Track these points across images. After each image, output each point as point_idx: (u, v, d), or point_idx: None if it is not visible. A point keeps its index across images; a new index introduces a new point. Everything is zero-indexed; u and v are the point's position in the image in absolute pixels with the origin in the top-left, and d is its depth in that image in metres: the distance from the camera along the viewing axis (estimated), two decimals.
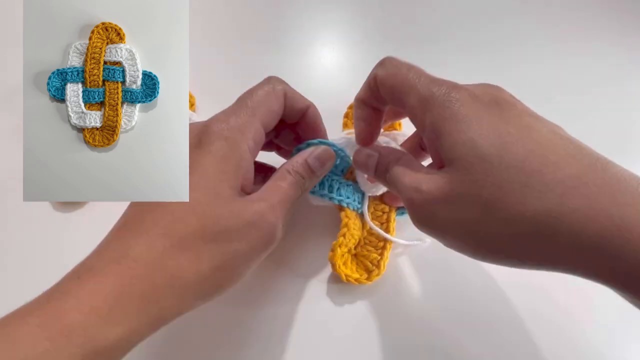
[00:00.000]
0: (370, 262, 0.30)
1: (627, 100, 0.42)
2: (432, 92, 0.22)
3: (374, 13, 0.48)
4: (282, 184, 0.25)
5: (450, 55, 0.44)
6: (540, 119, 0.21)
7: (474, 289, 0.31)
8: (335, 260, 0.29)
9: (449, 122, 0.21)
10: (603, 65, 0.45)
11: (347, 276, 0.29)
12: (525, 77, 0.42)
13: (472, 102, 0.21)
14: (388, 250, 0.31)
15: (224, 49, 0.45)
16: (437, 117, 0.21)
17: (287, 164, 0.26)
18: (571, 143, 0.20)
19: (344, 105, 0.37)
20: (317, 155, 0.27)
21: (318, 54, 0.45)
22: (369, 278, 0.30)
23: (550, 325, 0.30)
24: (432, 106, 0.22)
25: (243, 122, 0.24)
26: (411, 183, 0.22)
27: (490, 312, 0.31)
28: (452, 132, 0.20)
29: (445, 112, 0.21)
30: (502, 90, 0.22)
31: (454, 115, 0.21)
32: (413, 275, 0.32)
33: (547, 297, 0.31)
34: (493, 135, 0.20)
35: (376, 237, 0.31)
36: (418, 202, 0.22)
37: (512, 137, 0.19)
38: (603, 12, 0.49)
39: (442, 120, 0.21)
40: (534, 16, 0.48)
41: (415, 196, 0.22)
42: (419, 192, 0.21)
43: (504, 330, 0.30)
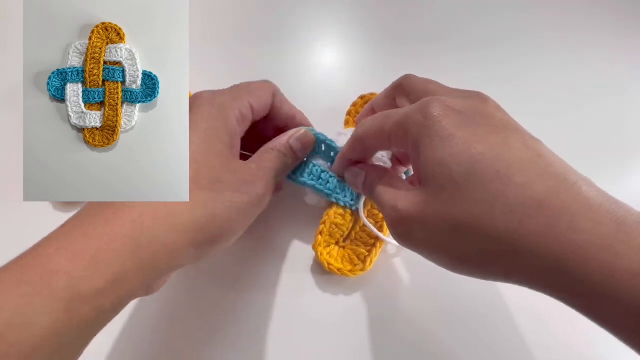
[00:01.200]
0: (357, 256, 0.31)
1: (627, 100, 0.42)
2: (406, 114, 0.22)
3: (374, 13, 0.48)
4: (267, 156, 0.27)
5: (450, 54, 0.44)
6: (518, 133, 0.21)
7: (464, 292, 0.32)
8: (315, 247, 0.31)
9: (424, 139, 0.21)
10: (602, 64, 0.45)
11: (329, 264, 0.30)
12: (526, 76, 0.42)
13: (448, 117, 0.21)
14: (378, 249, 0.31)
15: (224, 49, 0.45)
16: (413, 136, 0.21)
17: (271, 143, 0.28)
18: (542, 161, 0.19)
19: (344, 105, 0.37)
20: (299, 137, 0.29)
21: (318, 55, 0.45)
22: (352, 271, 0.31)
23: (541, 324, 0.30)
24: (409, 125, 0.22)
25: (233, 95, 0.26)
26: (389, 201, 0.23)
27: (480, 314, 0.31)
28: (427, 150, 0.21)
29: (421, 131, 0.21)
30: (487, 101, 0.22)
31: (428, 132, 0.21)
32: (403, 275, 0.32)
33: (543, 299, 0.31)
34: (463, 155, 0.20)
35: (368, 235, 0.32)
36: (395, 220, 0.22)
37: (482, 157, 0.19)
38: (603, 10, 0.49)
39: (419, 138, 0.21)
40: (534, 14, 0.48)
41: (393, 214, 0.23)
42: (395, 210, 0.22)
43: (492, 330, 0.30)
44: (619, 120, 0.41)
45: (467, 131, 0.20)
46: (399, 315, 0.31)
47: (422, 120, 0.21)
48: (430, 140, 0.20)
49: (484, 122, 0.21)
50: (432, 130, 0.21)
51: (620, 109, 0.42)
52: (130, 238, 0.19)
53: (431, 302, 0.31)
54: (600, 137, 0.39)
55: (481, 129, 0.20)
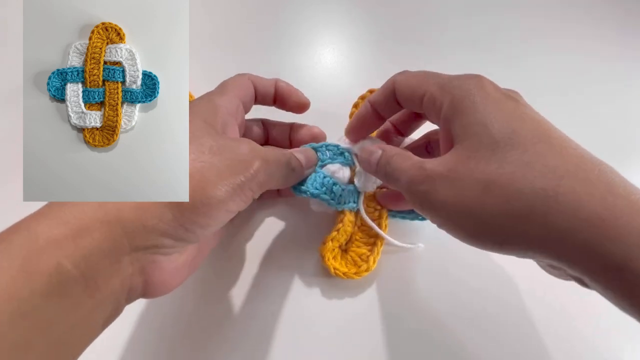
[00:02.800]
0: (359, 257, 0.31)
1: (626, 99, 0.42)
2: (452, 79, 0.24)
3: (374, 14, 0.48)
4: (272, 150, 0.26)
5: (450, 54, 0.44)
6: (549, 121, 0.22)
7: (466, 292, 0.32)
8: (324, 252, 0.30)
9: (467, 102, 0.22)
10: (602, 63, 0.45)
11: (335, 269, 0.30)
12: (527, 75, 0.42)
13: (490, 90, 0.22)
14: (379, 247, 0.31)
15: (224, 49, 0.45)
16: (457, 97, 0.22)
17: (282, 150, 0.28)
18: (575, 142, 0.21)
19: (344, 106, 0.37)
20: (301, 149, 0.29)
21: (318, 55, 0.45)
22: (358, 273, 0.30)
23: (543, 326, 0.30)
24: (453, 88, 0.23)
25: (216, 92, 0.27)
26: (414, 164, 0.23)
27: (485, 314, 0.31)
28: (469, 111, 0.22)
29: (464, 94, 0.22)
30: (519, 93, 0.24)
31: (472, 97, 0.22)
32: (406, 277, 0.32)
33: (539, 299, 0.31)
34: (505, 120, 0.21)
35: (367, 234, 0.32)
36: (419, 179, 0.22)
37: (523, 125, 0.21)
38: (604, 9, 0.49)
39: (461, 100, 0.22)
40: (536, 14, 0.48)
41: (418, 173, 0.22)
42: (422, 169, 0.22)
43: (497, 331, 0.30)
44: (621, 120, 0.41)
45: (508, 104, 0.22)
46: (405, 316, 0.31)
47: (471, 86, 0.22)
48: (473, 103, 0.22)
49: (521, 102, 0.23)
50: (477, 96, 0.22)
51: (623, 108, 0.42)
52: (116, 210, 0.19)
53: (437, 300, 0.31)
54: (600, 137, 0.39)
55: (520, 106, 0.22)
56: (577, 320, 0.30)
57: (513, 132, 0.20)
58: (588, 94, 0.43)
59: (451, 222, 0.22)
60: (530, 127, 0.21)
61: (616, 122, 0.41)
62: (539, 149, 0.20)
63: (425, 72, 0.25)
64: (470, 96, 0.22)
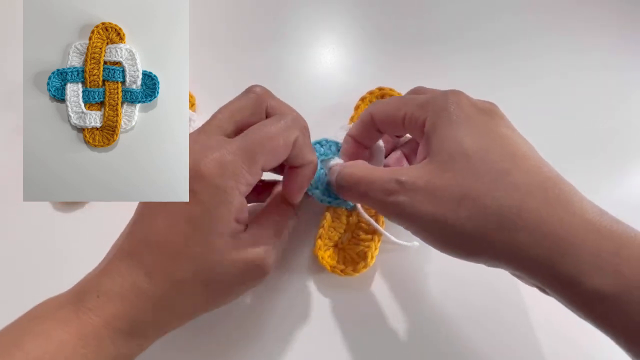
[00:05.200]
0: (357, 254, 0.31)
1: (629, 102, 0.42)
2: (429, 98, 0.25)
3: (374, 14, 0.48)
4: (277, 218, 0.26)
5: (450, 56, 0.44)
6: (519, 136, 0.24)
7: (465, 289, 0.32)
8: (315, 251, 0.30)
9: (444, 119, 0.23)
10: (605, 66, 0.45)
11: (332, 267, 0.30)
12: (527, 78, 0.42)
13: (464, 106, 0.23)
14: (377, 243, 0.31)
15: (224, 49, 0.45)
16: (434, 115, 0.23)
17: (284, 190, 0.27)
18: (540, 159, 0.22)
19: (344, 106, 0.37)
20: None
21: (318, 55, 0.45)
22: (355, 270, 0.30)
23: (542, 323, 0.30)
24: (432, 105, 0.24)
25: (239, 168, 0.22)
26: (390, 175, 0.23)
27: (484, 311, 0.31)
28: (445, 127, 0.23)
29: (441, 110, 0.23)
30: (496, 105, 0.25)
31: (448, 113, 0.23)
32: (404, 274, 0.32)
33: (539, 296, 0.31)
34: (478, 136, 0.22)
35: (364, 231, 0.32)
36: (394, 191, 0.23)
37: (493, 142, 0.22)
38: (605, 12, 0.49)
39: (439, 117, 0.23)
40: (536, 17, 0.48)
41: (393, 187, 0.23)
42: (398, 182, 0.23)
43: (496, 328, 0.30)
44: (620, 123, 0.41)
45: (482, 120, 0.23)
46: (402, 312, 0.31)
47: (445, 103, 0.23)
48: (449, 120, 0.23)
49: (496, 117, 0.24)
50: (453, 112, 0.23)
51: (622, 111, 0.42)
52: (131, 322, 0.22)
53: (435, 298, 0.31)
54: (600, 138, 0.39)
55: (493, 121, 0.23)
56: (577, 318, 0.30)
57: (483, 150, 0.22)
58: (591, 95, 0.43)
59: (426, 231, 0.23)
60: (499, 144, 0.22)
61: (619, 125, 0.41)
62: (506, 166, 0.21)
63: (399, 97, 0.27)
64: (447, 112, 0.23)
